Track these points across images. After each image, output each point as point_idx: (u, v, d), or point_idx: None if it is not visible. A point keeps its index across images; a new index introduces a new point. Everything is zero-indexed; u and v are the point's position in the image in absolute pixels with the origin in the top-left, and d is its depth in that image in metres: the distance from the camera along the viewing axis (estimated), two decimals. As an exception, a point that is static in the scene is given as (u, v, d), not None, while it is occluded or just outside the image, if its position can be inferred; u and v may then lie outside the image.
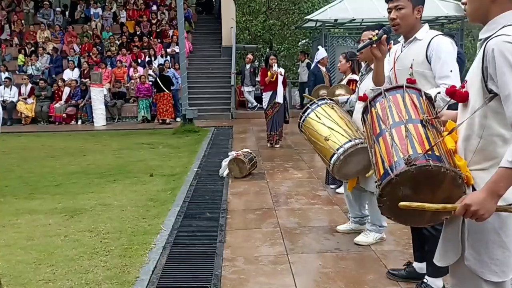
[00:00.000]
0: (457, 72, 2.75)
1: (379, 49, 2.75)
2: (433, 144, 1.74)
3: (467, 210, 1.64)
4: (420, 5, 2.83)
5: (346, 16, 14.27)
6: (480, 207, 1.62)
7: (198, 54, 17.08)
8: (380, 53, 2.75)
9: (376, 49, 2.74)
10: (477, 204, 1.62)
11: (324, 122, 3.78)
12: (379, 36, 2.71)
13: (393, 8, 2.82)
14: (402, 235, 4.19)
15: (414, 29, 2.86)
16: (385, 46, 2.74)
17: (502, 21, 1.72)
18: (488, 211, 1.63)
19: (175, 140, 10.39)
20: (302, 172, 6.88)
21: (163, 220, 4.71)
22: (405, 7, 2.78)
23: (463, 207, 1.65)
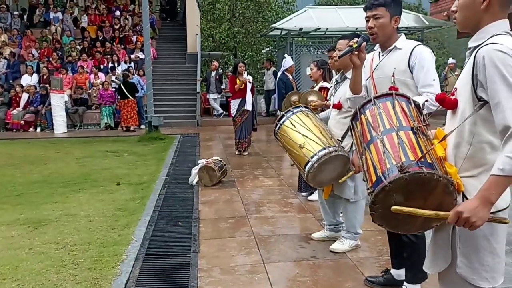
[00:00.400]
0: (438, 80, 2.80)
1: (359, 57, 2.76)
2: (424, 151, 1.74)
3: (459, 217, 1.65)
4: (397, 15, 2.88)
5: (311, 25, 14.47)
6: (472, 214, 1.63)
7: (162, 61, 16.88)
8: (359, 61, 2.77)
9: (355, 56, 2.76)
10: (469, 212, 1.63)
11: (298, 130, 3.77)
12: (359, 43, 2.73)
13: (371, 17, 2.85)
14: (376, 241, 4.23)
15: (391, 38, 2.90)
16: (364, 54, 2.77)
17: (492, 30, 1.75)
18: (480, 218, 1.64)
19: (140, 147, 10.18)
20: (272, 179, 6.86)
21: (134, 230, 4.57)
22: (383, 16, 2.82)
23: (455, 214, 1.66)
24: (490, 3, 1.74)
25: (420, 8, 28.57)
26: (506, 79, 1.60)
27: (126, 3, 19.50)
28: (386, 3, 2.81)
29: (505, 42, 1.66)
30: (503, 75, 1.61)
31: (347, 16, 14.84)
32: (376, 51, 3.02)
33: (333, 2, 29.64)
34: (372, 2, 2.85)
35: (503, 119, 1.60)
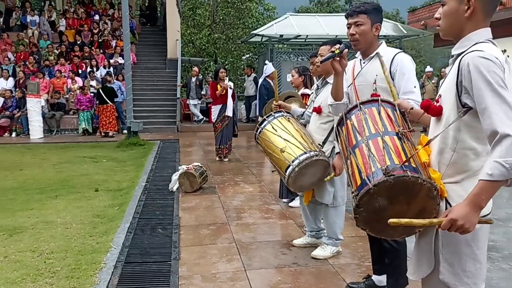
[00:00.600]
0: (419, 87, 2.84)
1: (340, 63, 2.77)
2: (409, 156, 1.75)
3: (453, 224, 1.66)
4: (378, 23, 2.92)
5: (292, 32, 14.57)
6: (465, 220, 1.64)
7: (142, 66, 16.75)
8: (340, 67, 2.78)
9: (337, 62, 2.76)
10: (463, 218, 1.64)
11: (280, 134, 3.77)
12: (341, 50, 2.75)
13: (352, 24, 2.89)
14: (357, 247, 4.24)
15: (372, 46, 2.93)
16: (346, 60, 2.79)
17: (474, 38, 1.77)
18: (472, 224, 1.66)
19: (119, 153, 10.04)
20: (253, 186, 6.84)
21: (112, 237, 4.48)
22: (364, 23, 2.86)
23: (449, 221, 1.67)
24: (474, 12, 1.77)
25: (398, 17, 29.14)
26: (491, 85, 1.63)
27: (106, 8, 19.34)
28: (367, 11, 2.85)
29: (488, 50, 1.69)
30: (488, 81, 1.63)
31: (327, 24, 15.00)
32: (357, 58, 3.04)
33: (312, 10, 29.95)
34: (354, 9, 2.89)
35: (490, 124, 1.62)
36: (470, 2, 1.76)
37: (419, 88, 2.96)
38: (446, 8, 1.84)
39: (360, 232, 4.63)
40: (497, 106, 1.61)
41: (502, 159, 1.58)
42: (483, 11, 1.78)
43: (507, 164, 1.57)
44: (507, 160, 1.57)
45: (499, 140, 1.60)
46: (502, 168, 1.58)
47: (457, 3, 1.80)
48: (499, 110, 1.61)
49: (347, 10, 20.12)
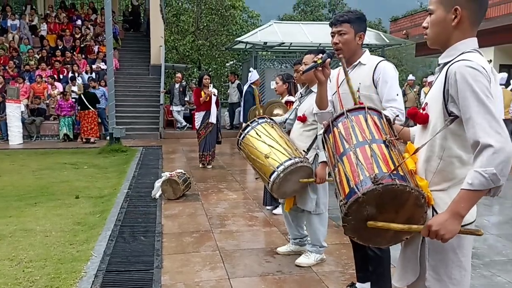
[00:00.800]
0: (401, 95, 2.86)
1: (323, 73, 2.77)
2: (397, 163, 1.76)
3: (431, 231, 1.67)
4: (362, 32, 2.93)
5: (276, 40, 14.62)
6: (441, 227, 1.65)
7: (125, 72, 16.61)
8: (323, 76, 2.78)
9: (320, 72, 2.76)
10: (440, 225, 1.65)
11: (264, 140, 3.76)
12: (324, 59, 2.74)
13: (336, 33, 2.90)
14: (341, 255, 4.24)
15: (356, 54, 2.95)
16: (329, 70, 2.79)
17: (461, 48, 1.79)
18: (449, 232, 1.66)
19: (101, 160, 9.91)
20: (237, 193, 6.80)
21: (93, 246, 4.40)
22: (348, 32, 2.88)
23: (426, 227, 1.68)
24: (461, 21, 1.78)
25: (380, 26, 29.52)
26: (477, 95, 1.64)
27: (88, 13, 19.17)
28: (350, 20, 2.87)
29: (475, 59, 1.71)
30: (474, 91, 1.64)
31: (311, 32, 15.10)
32: (341, 67, 3.05)
33: (296, 18, 30.17)
34: (337, 18, 2.91)
35: (474, 134, 1.63)
36: (458, 12, 1.78)
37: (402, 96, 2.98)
38: (434, 17, 1.85)
39: (344, 240, 4.64)
40: (481, 116, 1.63)
41: (482, 169, 1.59)
42: (470, 21, 1.80)
43: (487, 174, 1.59)
44: (486, 170, 1.59)
45: (481, 150, 1.62)
46: (481, 178, 1.59)
47: (444, 12, 1.81)
48: (482, 120, 1.63)
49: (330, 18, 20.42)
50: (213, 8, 24.82)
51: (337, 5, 33.31)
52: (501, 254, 4.28)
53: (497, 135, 1.60)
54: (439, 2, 1.83)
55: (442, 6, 1.82)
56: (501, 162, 1.58)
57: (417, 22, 18.59)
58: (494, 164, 1.58)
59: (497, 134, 1.60)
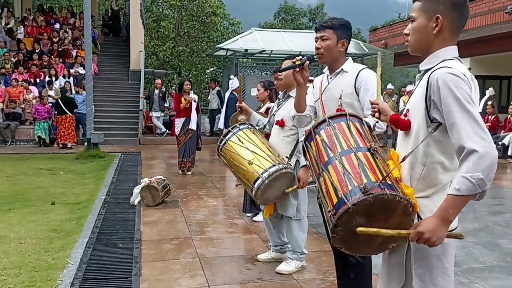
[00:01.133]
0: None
1: (301, 75, 2.77)
2: (383, 172, 1.76)
3: (420, 237, 1.67)
4: (345, 39, 2.93)
5: (257, 47, 14.66)
6: (432, 234, 1.65)
7: (103, 77, 16.42)
8: (302, 79, 2.78)
9: (298, 74, 2.77)
10: (430, 232, 1.65)
11: (246, 146, 3.74)
12: (303, 61, 2.75)
13: (319, 38, 2.92)
14: (321, 262, 4.23)
15: (338, 61, 2.95)
16: (308, 72, 2.79)
17: (442, 55, 1.81)
18: (439, 237, 1.67)
19: (78, 165, 9.73)
20: (217, 200, 6.75)
21: (70, 253, 4.30)
22: (330, 38, 2.88)
23: (416, 234, 1.68)
24: (442, 30, 1.81)
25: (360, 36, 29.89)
26: (460, 101, 1.66)
27: (67, 16, 18.92)
28: (334, 26, 2.88)
29: (456, 67, 1.73)
30: (457, 97, 1.66)
31: (291, 40, 15.20)
32: (324, 74, 3.07)
33: (277, 26, 30.34)
34: (321, 24, 2.93)
35: (459, 140, 1.65)
36: (438, 20, 1.80)
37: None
38: (415, 24, 1.87)
39: (324, 247, 4.64)
40: (465, 121, 1.64)
41: (468, 174, 1.60)
42: (450, 30, 1.83)
43: (474, 179, 1.59)
44: (473, 175, 1.59)
45: (466, 155, 1.62)
46: (469, 183, 1.60)
47: (426, 20, 1.83)
48: (466, 125, 1.64)
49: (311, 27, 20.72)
50: (194, 14, 24.76)
51: (317, 14, 33.63)
52: (479, 261, 4.34)
53: (482, 141, 1.61)
54: (421, 10, 1.86)
55: (424, 14, 1.84)
56: (486, 167, 1.59)
57: (395, 32, 18.91)
58: (480, 169, 1.59)
59: (481, 140, 1.62)
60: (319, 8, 34.25)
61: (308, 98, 2.97)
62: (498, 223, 5.69)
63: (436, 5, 1.82)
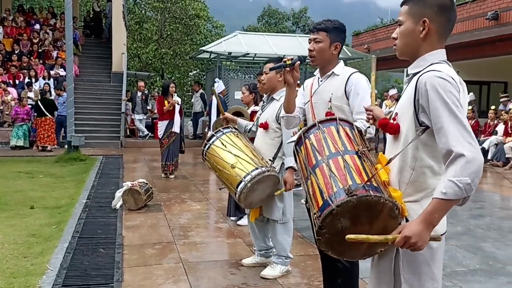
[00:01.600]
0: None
1: (292, 75, 2.73)
2: (370, 175, 1.74)
3: (406, 241, 1.65)
4: (338, 43, 2.90)
5: (240, 50, 14.64)
6: (418, 238, 1.63)
7: (85, 79, 16.20)
8: (292, 79, 2.73)
9: (288, 74, 2.72)
10: (416, 236, 1.63)
11: (230, 149, 3.70)
12: (293, 61, 2.70)
13: (312, 40, 2.89)
14: (306, 266, 4.21)
15: (331, 64, 2.92)
16: (298, 73, 2.74)
17: (430, 59, 1.80)
18: (425, 241, 1.65)
19: (58, 168, 9.55)
20: (200, 203, 6.68)
21: (49, 259, 4.19)
22: (323, 41, 2.86)
23: (402, 238, 1.65)
24: (429, 33, 1.80)
25: (342, 40, 30.08)
26: (447, 105, 1.65)
27: (47, 17, 18.64)
28: (327, 29, 2.85)
29: (444, 70, 1.72)
30: (445, 101, 1.65)
31: (275, 43, 15.21)
32: (315, 76, 3.04)
33: (261, 29, 30.40)
34: (315, 26, 2.90)
35: (446, 143, 1.63)
36: (426, 24, 1.80)
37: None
38: (403, 28, 1.86)
39: (309, 251, 4.62)
40: (452, 125, 1.63)
41: (456, 178, 1.59)
42: (438, 34, 1.82)
43: (461, 183, 1.58)
44: (461, 179, 1.58)
45: (453, 159, 1.61)
46: (456, 188, 1.59)
47: (413, 24, 1.83)
48: (454, 129, 1.63)
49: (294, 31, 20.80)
50: (177, 17, 24.65)
51: (301, 18, 33.82)
52: (462, 265, 4.36)
53: (469, 145, 1.61)
54: (409, 14, 1.85)
55: (411, 18, 1.84)
56: (473, 172, 1.58)
57: (378, 37, 19.10)
58: (467, 173, 1.58)
59: (469, 144, 1.61)
60: (303, 12, 34.46)
61: (297, 99, 2.93)
62: (480, 226, 5.75)
63: (423, 9, 1.81)
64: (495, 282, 3.95)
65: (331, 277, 3.07)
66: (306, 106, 3.00)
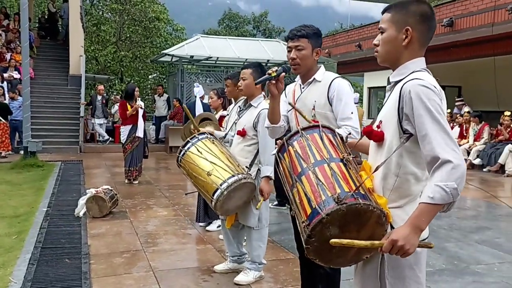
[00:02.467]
0: (356, 113, 2.82)
1: (276, 86, 2.67)
2: (356, 182, 1.75)
3: (394, 245, 1.66)
4: (319, 48, 2.88)
5: (203, 54, 14.57)
6: (406, 242, 1.65)
7: (40, 82, 15.60)
8: (276, 90, 2.68)
9: (273, 86, 2.66)
10: (404, 240, 1.65)
11: (205, 156, 3.65)
12: (278, 73, 2.64)
13: (293, 48, 2.82)
14: (278, 271, 4.20)
15: (312, 70, 2.88)
16: (282, 84, 2.70)
17: (411, 67, 1.84)
18: (413, 245, 1.67)
19: (14, 175, 9.15)
20: (167, 209, 6.57)
21: (11, 270, 4.00)
22: (305, 48, 2.80)
23: (390, 242, 1.66)
24: (411, 41, 1.84)
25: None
26: (431, 112, 1.68)
27: (0, 18, 17.86)
28: (308, 35, 2.80)
29: (427, 79, 1.76)
30: (428, 109, 1.68)
31: (237, 47, 15.22)
32: (296, 82, 2.99)
33: (221, 33, 30.34)
34: (295, 33, 2.81)
35: (431, 150, 1.66)
36: (408, 32, 1.83)
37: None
38: (385, 35, 1.88)
39: (280, 255, 4.62)
40: (436, 133, 1.67)
41: (442, 183, 1.62)
42: (419, 42, 1.86)
43: (448, 188, 1.62)
44: (447, 184, 1.62)
45: (440, 165, 1.64)
46: (443, 192, 1.62)
47: (396, 32, 1.85)
48: (438, 137, 1.67)
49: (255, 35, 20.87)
50: (136, 19, 24.23)
51: (261, 22, 34.02)
52: (428, 265, 4.48)
53: (453, 152, 1.65)
54: (391, 21, 1.87)
55: (394, 26, 1.86)
56: (458, 177, 1.62)
57: (338, 42, 19.46)
58: (453, 178, 1.61)
59: (453, 151, 1.65)
60: (263, 16, 34.67)
61: (280, 107, 2.87)
62: (442, 227, 5.93)
63: (406, 17, 1.84)
64: (461, 281, 4.08)
65: (310, 283, 3.06)
66: (290, 114, 2.95)
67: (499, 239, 5.44)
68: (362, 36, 17.96)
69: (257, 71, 3.83)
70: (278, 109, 2.80)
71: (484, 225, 6.08)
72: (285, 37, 2.91)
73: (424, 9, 1.85)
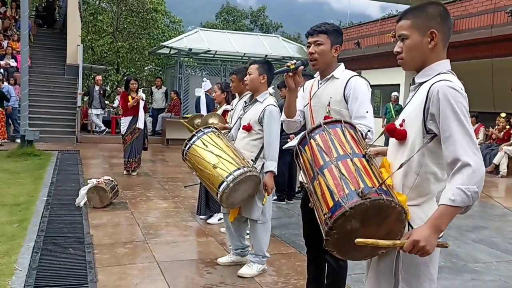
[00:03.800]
0: (372, 112, 2.82)
1: (294, 80, 2.69)
2: (378, 177, 1.79)
3: (415, 246, 1.70)
4: (338, 45, 2.88)
5: (201, 47, 14.55)
6: (427, 242, 1.70)
7: (37, 70, 15.48)
8: (293, 84, 2.70)
9: (290, 78, 2.68)
10: (425, 240, 1.69)
11: (211, 149, 3.68)
12: (297, 66, 2.66)
13: (312, 43, 2.83)
14: (281, 265, 4.25)
15: (331, 67, 2.88)
16: (300, 77, 2.71)
17: (437, 68, 1.87)
18: (432, 246, 1.72)
19: (11, 164, 9.12)
20: (167, 201, 6.59)
21: (16, 258, 4.01)
22: (324, 43, 2.81)
23: (411, 243, 1.70)
24: (436, 43, 1.87)
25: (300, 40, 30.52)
26: (457, 115, 1.72)
27: (-3, 4, 17.70)
28: (328, 31, 2.81)
29: (454, 81, 1.80)
30: (455, 111, 1.72)
31: (236, 41, 15.21)
32: (316, 78, 3.00)
33: (219, 26, 30.24)
34: (314, 29, 2.83)
35: (454, 152, 1.70)
36: (433, 35, 1.86)
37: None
38: (409, 42, 1.89)
39: (282, 249, 4.68)
40: (460, 135, 1.71)
41: (464, 186, 1.66)
42: (443, 42, 1.89)
43: (469, 191, 1.66)
44: (469, 187, 1.66)
45: (460, 168, 1.69)
46: (464, 195, 1.66)
47: (420, 36, 1.87)
48: (462, 139, 1.70)
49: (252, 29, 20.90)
50: (133, 10, 24.02)
51: (259, 16, 33.95)
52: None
53: (475, 156, 1.69)
54: (413, 27, 1.88)
55: (417, 31, 1.87)
56: (478, 181, 1.67)
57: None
58: (474, 182, 1.66)
59: (474, 155, 1.69)
60: (261, 11, 34.60)
61: (297, 102, 2.89)
62: (439, 225, 6.01)
63: (428, 21, 1.86)
64: (460, 279, 4.16)
65: (316, 276, 3.11)
66: (306, 109, 2.96)
67: (496, 238, 5.53)
68: (360, 34, 18.01)
69: (263, 66, 3.87)
70: (294, 102, 2.82)
71: (481, 224, 6.17)
72: (305, 33, 2.93)
73: (442, 10, 1.89)
